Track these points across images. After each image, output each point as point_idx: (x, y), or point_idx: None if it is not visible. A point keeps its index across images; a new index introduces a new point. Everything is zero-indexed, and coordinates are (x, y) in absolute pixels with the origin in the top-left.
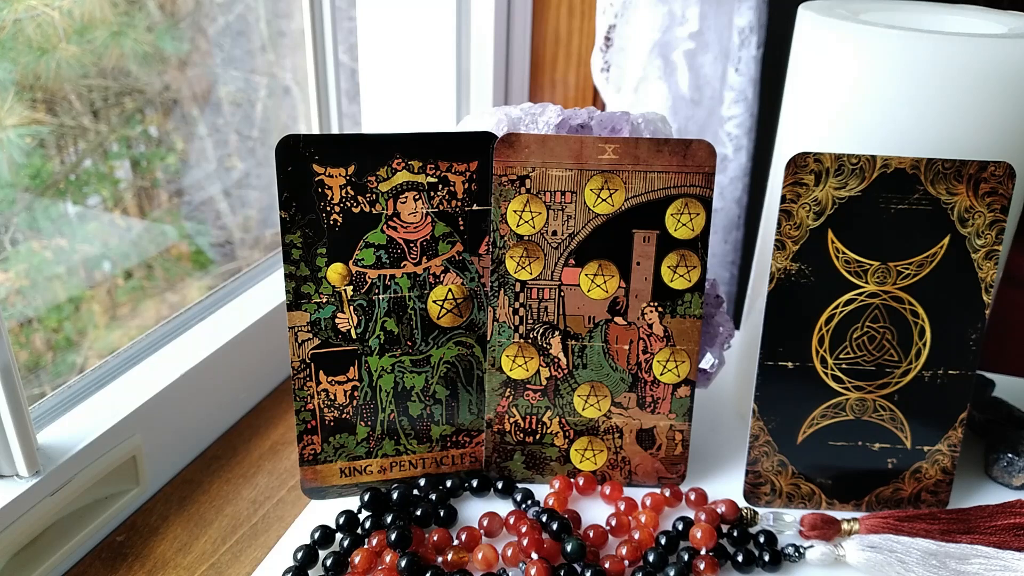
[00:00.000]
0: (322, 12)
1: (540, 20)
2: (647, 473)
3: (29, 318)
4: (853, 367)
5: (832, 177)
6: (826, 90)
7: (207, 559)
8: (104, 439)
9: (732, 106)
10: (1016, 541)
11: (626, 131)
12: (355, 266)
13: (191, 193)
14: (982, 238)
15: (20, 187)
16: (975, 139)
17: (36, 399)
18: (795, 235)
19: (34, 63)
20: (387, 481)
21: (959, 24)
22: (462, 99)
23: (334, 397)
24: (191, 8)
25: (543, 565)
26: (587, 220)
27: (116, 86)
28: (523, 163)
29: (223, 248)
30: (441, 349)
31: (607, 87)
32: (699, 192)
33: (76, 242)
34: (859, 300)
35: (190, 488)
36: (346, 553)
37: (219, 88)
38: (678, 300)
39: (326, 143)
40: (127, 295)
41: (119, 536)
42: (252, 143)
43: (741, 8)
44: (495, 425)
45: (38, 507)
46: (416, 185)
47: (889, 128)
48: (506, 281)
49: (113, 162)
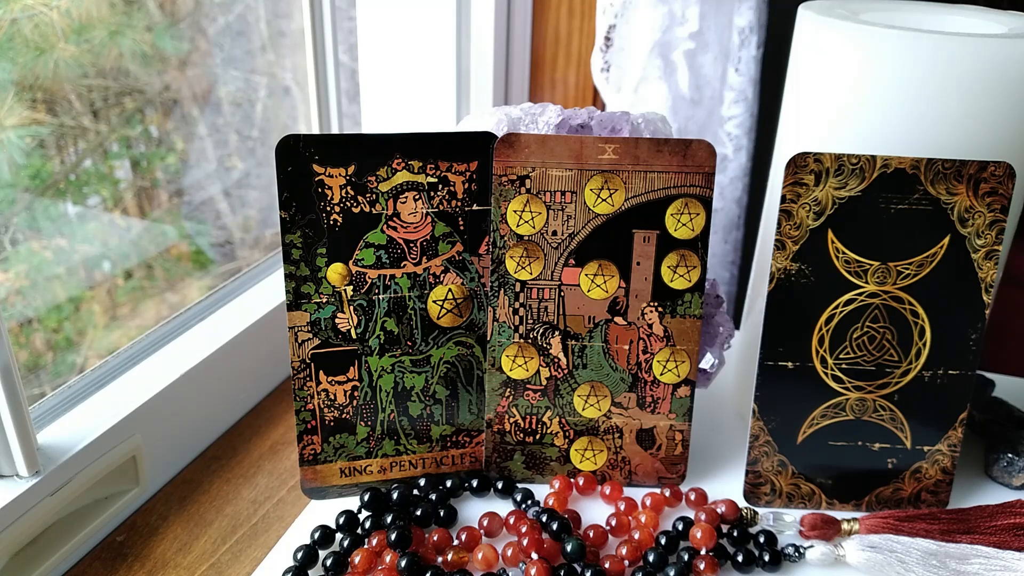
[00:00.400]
0: (322, 12)
1: (540, 20)
2: (647, 473)
3: (29, 318)
4: (853, 367)
5: (832, 177)
6: (826, 90)
7: (207, 559)
8: (104, 439)
9: (732, 106)
10: (1016, 541)
11: (626, 131)
12: (355, 266)
13: (191, 193)
14: (982, 238)
15: (20, 187)
16: (975, 139)
17: (36, 399)
18: (795, 235)
19: (32, 63)
20: (387, 481)
21: (959, 24)
22: (462, 99)
23: (334, 397)
24: (191, 8)
25: (543, 565)
26: (587, 220)
27: (116, 86)
28: (523, 163)
29: (223, 248)
30: (441, 349)
31: (607, 87)
32: (699, 192)
33: (76, 242)
34: (859, 300)
35: (190, 488)
36: (346, 553)
37: (219, 88)
38: (678, 300)
39: (326, 143)
40: (127, 295)
41: (119, 536)
42: (252, 143)
43: (741, 8)
44: (495, 425)
45: (38, 507)
46: (416, 185)
47: (889, 128)
48: (506, 281)
49: (113, 162)
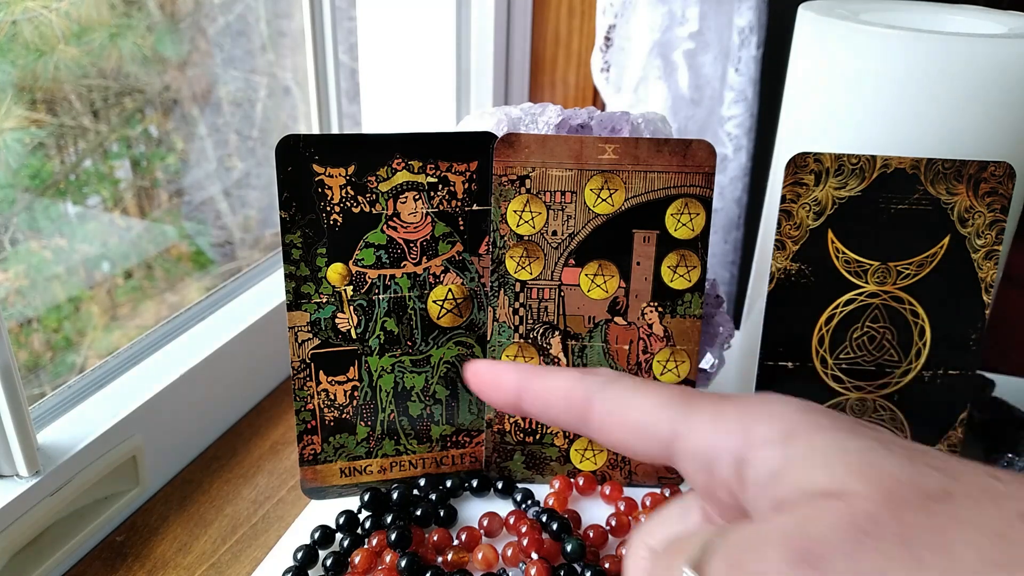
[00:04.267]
0: (322, 12)
1: (540, 20)
2: (647, 473)
3: (29, 318)
4: (853, 367)
5: (832, 177)
6: (826, 90)
7: (207, 559)
8: (104, 439)
9: (732, 106)
10: None
11: (626, 131)
12: (355, 266)
13: (191, 193)
14: (982, 238)
15: (20, 187)
16: (975, 139)
17: (36, 399)
18: (795, 235)
19: (32, 64)
20: (387, 481)
21: (959, 24)
22: (462, 99)
23: (334, 397)
24: (191, 8)
25: (543, 565)
26: (587, 220)
27: (116, 86)
28: (523, 163)
29: (223, 248)
30: (441, 349)
31: (607, 87)
32: (699, 192)
33: (76, 242)
34: (859, 300)
35: (190, 488)
36: (346, 553)
37: (219, 88)
38: (678, 300)
39: (326, 143)
40: (127, 295)
41: (119, 536)
42: (252, 143)
43: (741, 8)
44: (495, 425)
45: (38, 507)
46: (416, 185)
47: (889, 128)
48: (506, 281)
49: (113, 162)
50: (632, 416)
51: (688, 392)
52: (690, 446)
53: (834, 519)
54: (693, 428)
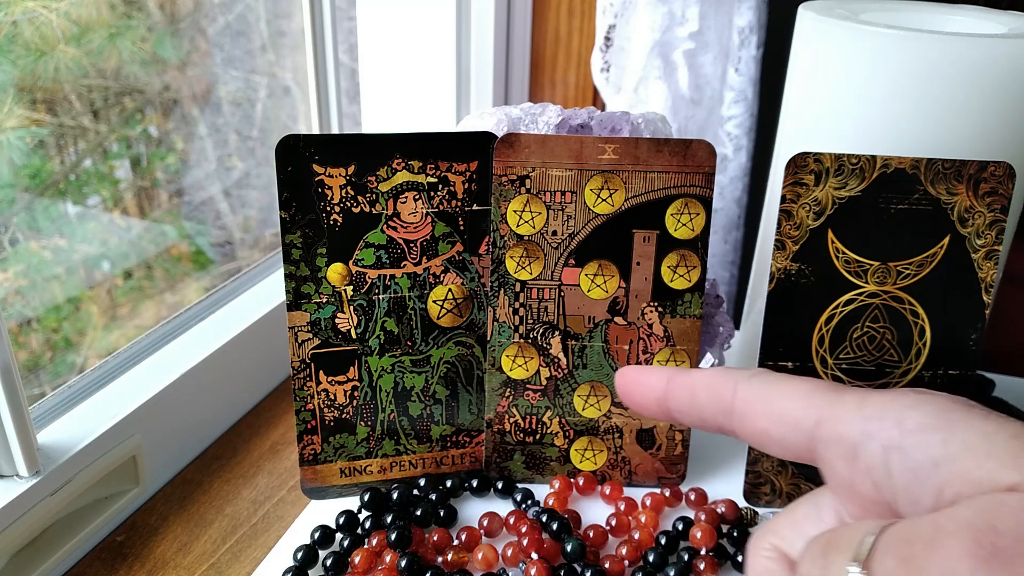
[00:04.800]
0: (322, 12)
1: (540, 20)
2: (647, 473)
3: (28, 318)
4: (853, 367)
5: (832, 177)
6: (826, 90)
7: (207, 559)
8: (104, 439)
9: (732, 106)
10: None
11: (626, 131)
12: (355, 266)
13: (191, 193)
14: (982, 238)
15: (20, 187)
16: (975, 139)
17: (36, 399)
18: (795, 235)
19: (33, 64)
20: (387, 481)
21: (959, 24)
22: (462, 99)
23: (334, 397)
24: (191, 8)
25: (543, 565)
26: (587, 220)
27: (116, 86)
28: (523, 163)
29: (223, 248)
30: (441, 349)
31: (607, 87)
32: (699, 192)
33: (75, 242)
34: (859, 300)
35: (190, 488)
36: (346, 553)
37: (219, 88)
38: (678, 300)
39: (326, 143)
40: (126, 295)
41: (119, 536)
42: (252, 143)
43: (741, 8)
44: (495, 425)
45: (38, 507)
46: (416, 185)
47: (889, 128)
48: (506, 281)
49: (113, 162)
50: (777, 404)
51: (834, 383)
52: (836, 432)
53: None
54: (840, 415)
